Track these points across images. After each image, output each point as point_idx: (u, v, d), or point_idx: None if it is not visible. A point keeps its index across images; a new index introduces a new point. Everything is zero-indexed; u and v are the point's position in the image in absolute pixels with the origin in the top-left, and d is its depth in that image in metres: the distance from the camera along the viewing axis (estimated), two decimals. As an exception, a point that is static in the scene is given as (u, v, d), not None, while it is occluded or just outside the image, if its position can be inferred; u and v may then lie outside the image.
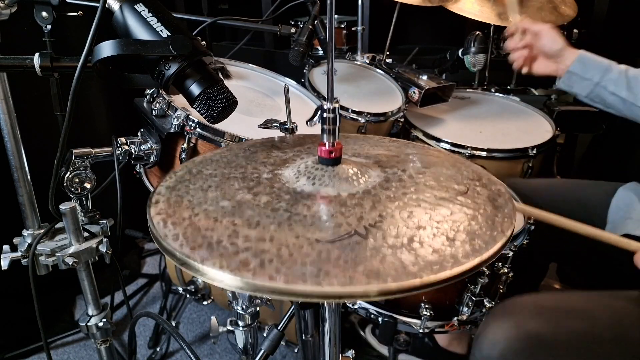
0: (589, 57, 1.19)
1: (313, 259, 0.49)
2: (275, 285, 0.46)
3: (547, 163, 1.77)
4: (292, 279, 0.46)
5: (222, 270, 0.48)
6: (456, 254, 0.51)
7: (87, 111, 2.03)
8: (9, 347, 1.74)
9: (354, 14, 2.06)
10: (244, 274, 0.47)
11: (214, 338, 1.12)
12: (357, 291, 0.46)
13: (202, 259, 0.49)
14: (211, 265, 0.48)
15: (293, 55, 1.30)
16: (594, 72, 1.17)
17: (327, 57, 0.64)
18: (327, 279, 0.46)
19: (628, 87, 1.13)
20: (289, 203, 0.60)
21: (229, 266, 0.48)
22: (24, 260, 0.90)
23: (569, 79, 1.21)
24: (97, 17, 0.65)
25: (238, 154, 0.77)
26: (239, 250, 0.51)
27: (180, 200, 0.62)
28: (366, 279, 0.46)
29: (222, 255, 0.50)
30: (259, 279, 0.46)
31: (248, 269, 0.48)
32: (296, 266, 0.48)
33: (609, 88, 1.15)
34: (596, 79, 1.16)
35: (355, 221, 0.56)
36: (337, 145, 0.67)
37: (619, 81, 1.14)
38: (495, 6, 1.69)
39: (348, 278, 0.46)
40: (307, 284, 0.46)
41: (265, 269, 0.47)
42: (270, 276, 0.47)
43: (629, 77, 1.14)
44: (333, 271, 0.47)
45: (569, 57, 1.20)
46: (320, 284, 0.46)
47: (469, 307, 1.16)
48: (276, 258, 0.49)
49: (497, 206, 0.62)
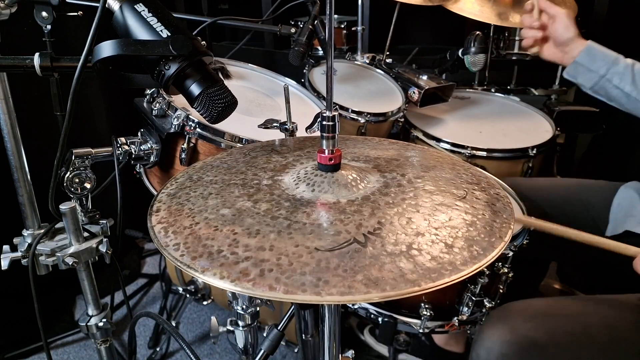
0: (596, 49, 1.17)
1: (312, 268, 0.49)
2: (275, 295, 0.46)
3: (547, 163, 1.77)
4: (291, 289, 0.47)
5: (222, 280, 0.48)
6: (454, 261, 0.51)
7: (87, 111, 2.03)
8: (9, 347, 1.74)
9: (354, 14, 2.06)
10: (244, 284, 0.47)
11: (214, 338, 1.12)
12: (356, 300, 0.47)
13: (203, 269, 0.50)
14: (212, 276, 0.49)
15: (293, 55, 1.30)
16: (600, 64, 1.15)
17: (327, 57, 0.64)
18: (327, 289, 0.47)
19: (633, 82, 1.12)
20: (288, 210, 0.60)
21: (229, 276, 0.48)
22: (24, 260, 0.90)
23: (575, 69, 1.19)
24: (97, 17, 0.65)
25: (238, 159, 0.78)
26: (239, 260, 0.51)
27: (181, 209, 0.62)
28: (365, 287, 0.47)
29: (222, 265, 0.50)
30: (259, 289, 0.47)
31: (248, 279, 0.48)
32: (295, 275, 0.48)
33: (614, 81, 1.14)
34: (602, 72, 1.15)
35: (354, 229, 0.56)
36: (337, 152, 0.67)
37: (624, 75, 1.13)
38: (495, 6, 1.69)
39: (347, 287, 0.47)
40: (307, 293, 0.46)
41: (265, 279, 0.48)
42: (270, 286, 0.47)
43: (635, 72, 1.12)
44: (332, 280, 0.48)
45: (577, 48, 1.18)
46: (320, 293, 0.46)
47: (469, 307, 1.16)
48: (276, 267, 0.50)
49: (495, 211, 0.62)
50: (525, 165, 1.60)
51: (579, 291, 1.87)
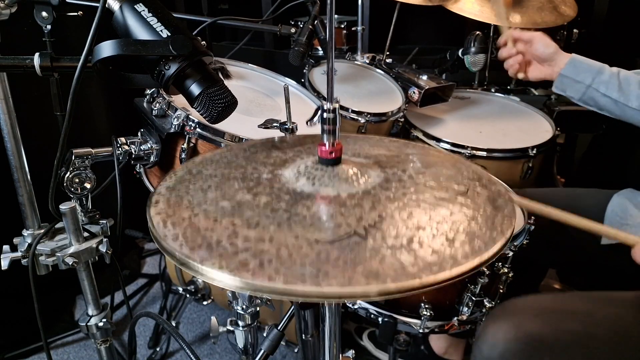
0: (580, 60, 1.20)
1: (312, 259, 0.49)
2: (275, 285, 0.46)
3: (547, 163, 1.77)
4: (291, 279, 0.46)
5: (221, 270, 0.48)
6: (455, 254, 0.51)
7: (87, 111, 2.03)
8: (9, 347, 1.74)
9: (354, 14, 2.06)
10: (243, 274, 0.47)
11: (214, 338, 1.12)
12: (356, 292, 0.46)
13: (202, 259, 0.49)
14: (210, 266, 0.48)
15: (293, 55, 1.30)
16: (585, 74, 1.18)
17: (327, 57, 0.64)
18: (327, 280, 0.46)
19: (619, 89, 1.14)
20: (288, 203, 0.60)
21: (228, 266, 0.48)
22: (24, 260, 0.90)
23: (562, 82, 1.22)
24: (97, 17, 0.65)
25: (238, 154, 0.77)
26: (238, 250, 0.51)
27: (180, 201, 0.62)
28: (365, 279, 0.46)
29: (221, 256, 0.50)
30: (258, 280, 0.46)
31: (247, 269, 0.48)
32: (295, 267, 0.48)
33: (601, 89, 1.16)
34: (588, 81, 1.17)
35: (355, 222, 0.56)
36: (337, 146, 0.67)
37: (610, 83, 1.15)
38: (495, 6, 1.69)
39: (347, 279, 0.46)
40: (306, 284, 0.46)
41: (265, 270, 0.47)
42: (269, 276, 0.47)
43: (621, 79, 1.15)
44: (332, 272, 0.47)
45: (562, 60, 1.21)
46: (320, 284, 0.46)
47: (469, 307, 1.16)
48: (275, 258, 0.49)
49: (497, 207, 0.62)
50: (525, 165, 1.60)
51: (578, 291, 1.87)
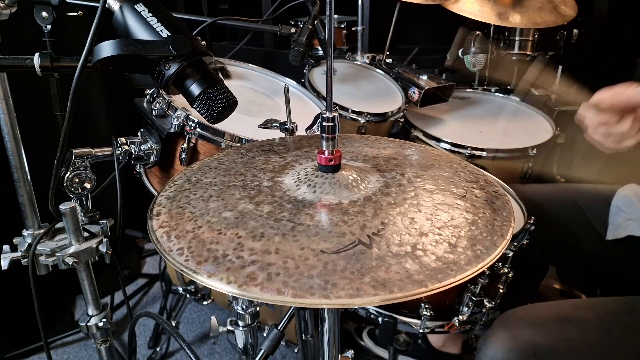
0: None
1: (319, 271, 0.49)
2: (284, 299, 0.46)
3: (547, 163, 1.77)
4: (300, 292, 0.46)
5: (230, 285, 0.47)
6: (458, 260, 0.51)
7: (87, 111, 2.03)
8: (9, 347, 1.74)
9: (354, 14, 2.06)
10: (252, 288, 0.47)
11: (214, 338, 1.12)
12: (364, 302, 0.46)
13: (209, 274, 0.49)
14: (219, 281, 0.48)
15: (293, 55, 1.30)
16: None
17: (327, 57, 0.64)
18: (335, 291, 0.46)
19: None
20: (291, 212, 0.60)
21: (236, 281, 0.48)
22: (24, 260, 0.90)
23: None
24: (97, 17, 0.65)
25: (236, 160, 0.77)
26: (245, 264, 0.50)
27: (182, 212, 0.61)
28: (373, 290, 0.46)
29: (228, 270, 0.49)
30: (267, 294, 0.46)
31: (255, 283, 0.47)
32: (303, 279, 0.48)
33: None
34: None
35: (359, 230, 0.56)
36: (337, 153, 0.67)
37: None
38: (496, 6, 1.69)
39: (355, 290, 0.46)
40: (316, 297, 0.45)
41: (273, 283, 0.47)
42: (278, 290, 0.46)
43: None
44: (340, 283, 0.47)
45: None
46: (328, 297, 0.46)
47: (469, 307, 1.16)
48: (283, 271, 0.49)
49: (495, 209, 0.62)
50: (525, 165, 1.60)
51: (579, 291, 1.87)
